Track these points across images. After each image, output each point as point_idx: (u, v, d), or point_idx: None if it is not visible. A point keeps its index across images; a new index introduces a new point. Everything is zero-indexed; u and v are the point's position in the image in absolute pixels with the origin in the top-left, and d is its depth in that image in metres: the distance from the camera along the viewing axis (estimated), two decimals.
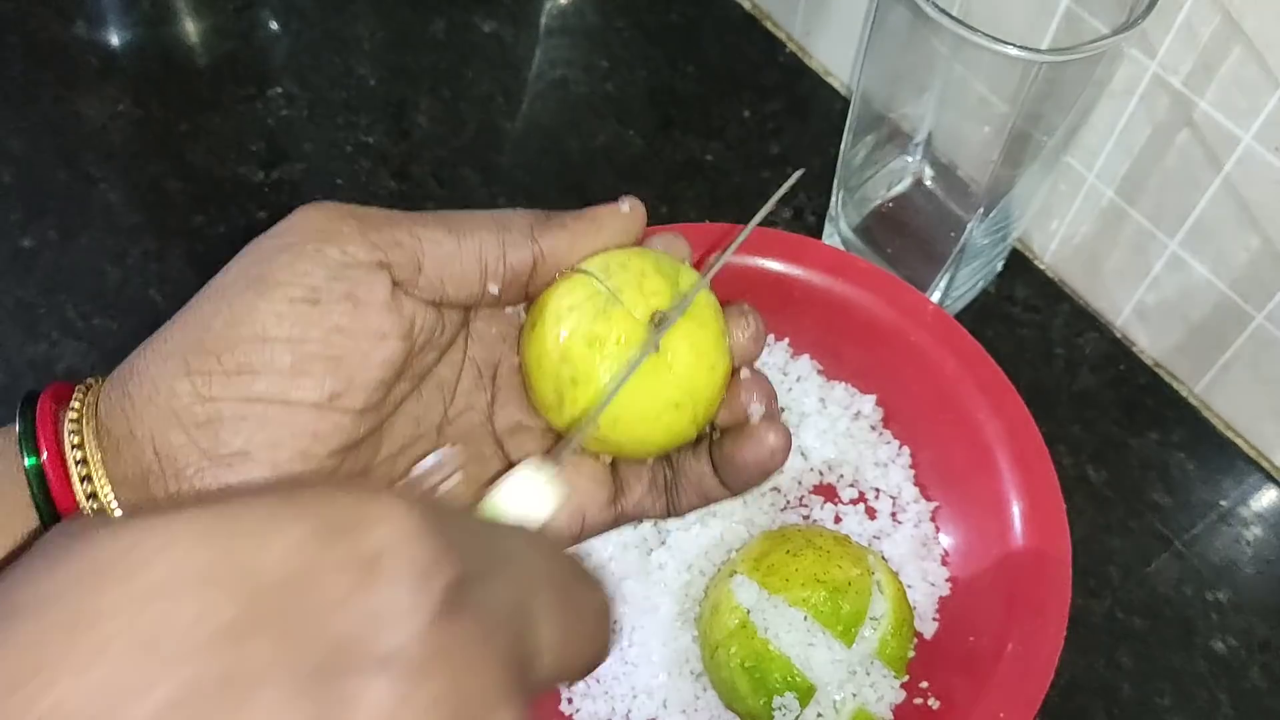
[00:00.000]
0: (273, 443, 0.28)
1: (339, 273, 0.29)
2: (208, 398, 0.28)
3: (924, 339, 0.50)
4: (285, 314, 0.28)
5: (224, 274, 0.30)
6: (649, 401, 0.32)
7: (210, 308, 0.29)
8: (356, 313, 0.29)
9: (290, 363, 0.28)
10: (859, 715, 0.43)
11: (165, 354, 0.29)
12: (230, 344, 0.28)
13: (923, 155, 0.58)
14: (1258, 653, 0.51)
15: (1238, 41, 0.47)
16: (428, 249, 0.31)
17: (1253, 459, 0.56)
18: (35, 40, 0.67)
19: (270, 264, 0.29)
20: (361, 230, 0.30)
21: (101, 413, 0.29)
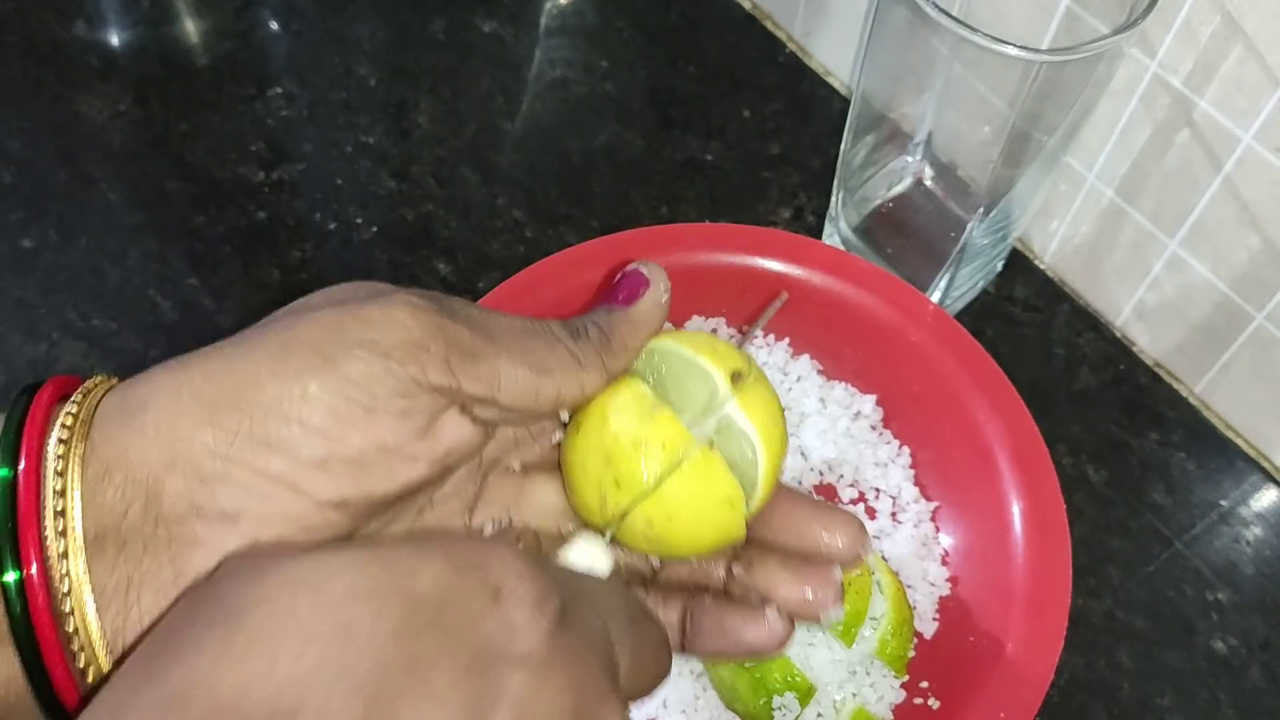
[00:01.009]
0: (263, 519, 0.28)
1: (407, 391, 0.29)
2: (222, 456, 0.27)
3: (924, 339, 0.50)
4: (338, 411, 0.28)
5: (293, 325, 0.29)
6: (704, 499, 0.32)
7: (265, 368, 0.28)
8: (402, 432, 0.29)
9: (318, 457, 0.28)
10: (859, 715, 0.43)
11: (191, 393, 0.28)
12: (268, 412, 0.27)
13: (923, 155, 0.58)
14: (1258, 652, 0.51)
15: (1238, 41, 0.47)
16: (505, 386, 0.30)
17: (1253, 459, 0.56)
18: (35, 40, 0.67)
19: (346, 354, 0.28)
20: (450, 358, 0.29)
21: (97, 430, 0.28)
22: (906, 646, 0.45)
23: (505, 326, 0.31)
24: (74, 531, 0.27)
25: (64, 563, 0.26)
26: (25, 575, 0.26)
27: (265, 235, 0.60)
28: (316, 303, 0.30)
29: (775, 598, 0.34)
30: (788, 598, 0.34)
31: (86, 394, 0.29)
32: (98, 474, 0.27)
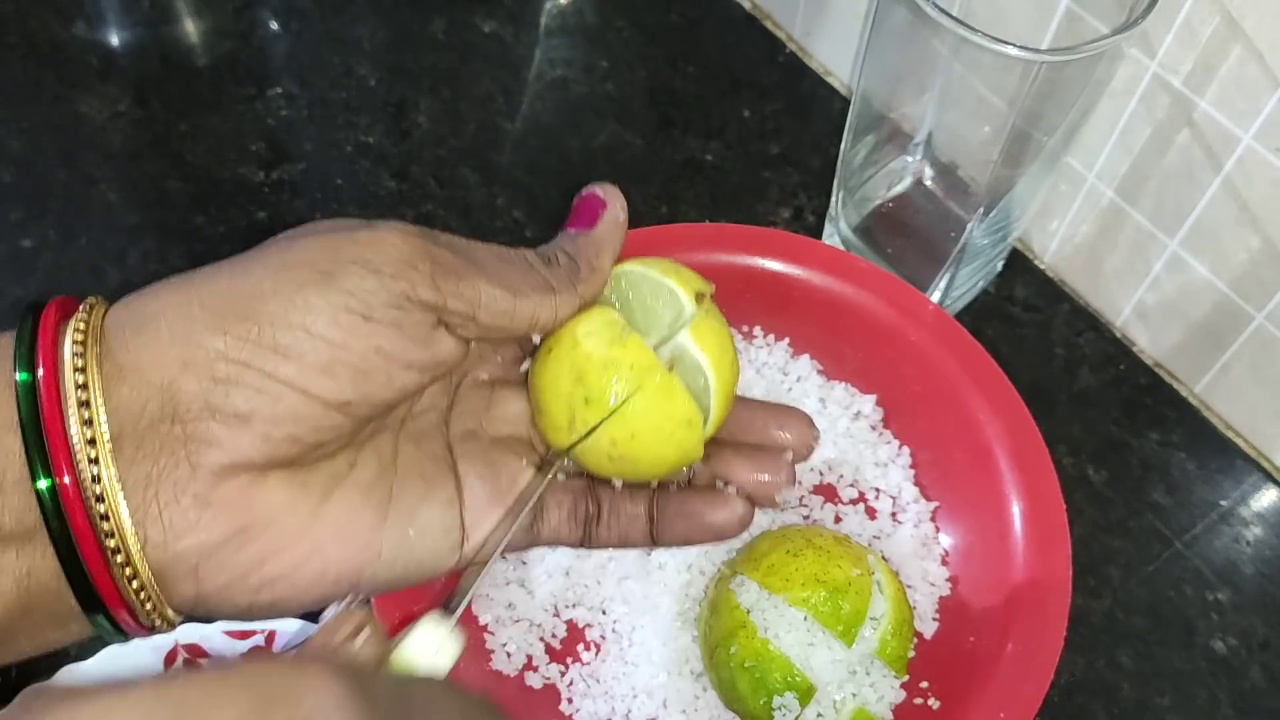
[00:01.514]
0: (274, 419, 0.30)
1: (399, 303, 0.31)
2: (235, 360, 0.29)
3: (924, 339, 0.50)
4: (339, 320, 0.30)
5: (289, 248, 0.31)
6: (663, 420, 0.34)
7: (267, 284, 0.30)
8: (398, 341, 0.31)
9: (324, 362, 0.30)
10: (859, 715, 0.43)
11: (201, 305, 0.30)
12: (275, 322, 0.29)
13: (923, 155, 0.58)
14: (1258, 652, 0.51)
15: (1238, 41, 0.47)
16: (485, 304, 0.32)
17: (1253, 459, 0.56)
18: (35, 40, 0.67)
19: (342, 270, 0.30)
20: (435, 276, 0.31)
21: (109, 338, 0.29)
22: (906, 646, 0.45)
23: (484, 252, 0.33)
24: (101, 430, 0.28)
25: (94, 466, 0.28)
26: (58, 481, 0.28)
27: (265, 235, 0.59)
28: (304, 231, 0.32)
29: (734, 481, 0.37)
30: (744, 481, 0.37)
31: (91, 309, 0.30)
32: (114, 377, 0.29)
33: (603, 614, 0.48)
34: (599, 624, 0.48)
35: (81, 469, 0.28)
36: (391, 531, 0.33)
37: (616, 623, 0.48)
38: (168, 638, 0.47)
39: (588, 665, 0.48)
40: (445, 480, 0.35)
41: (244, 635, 0.47)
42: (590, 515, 0.37)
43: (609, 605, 0.48)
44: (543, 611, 0.48)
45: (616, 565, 0.48)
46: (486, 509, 0.35)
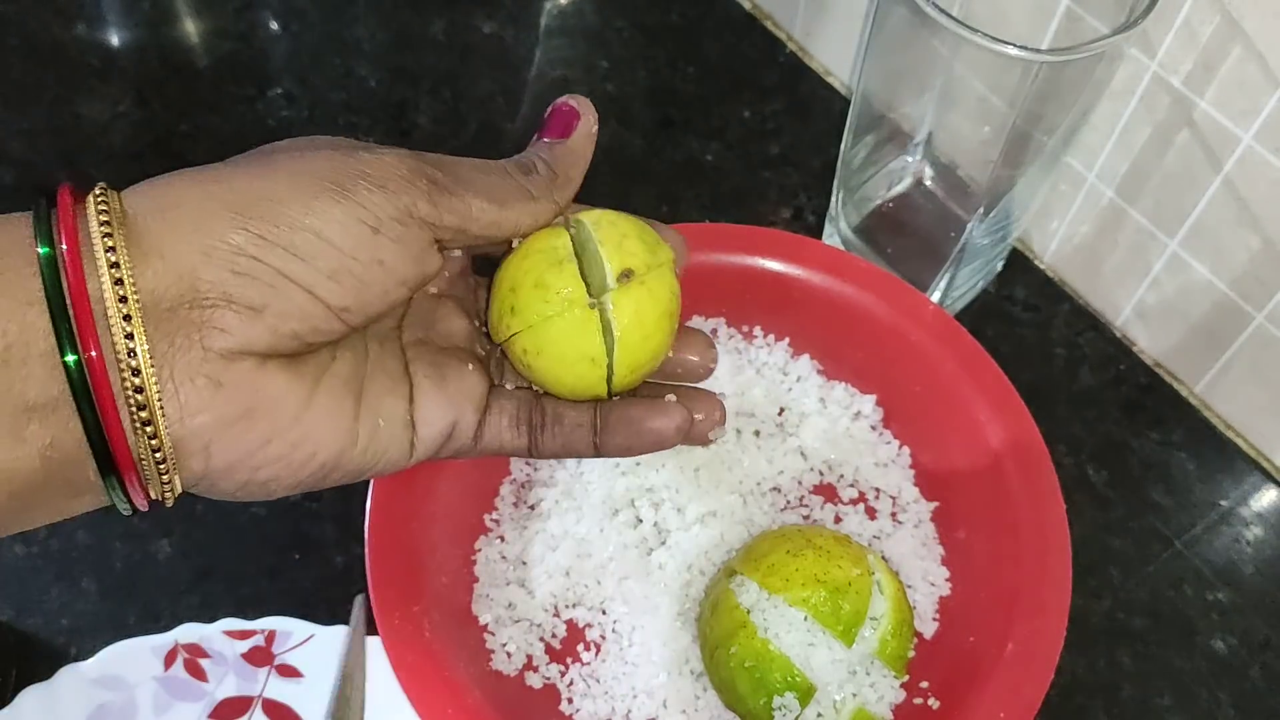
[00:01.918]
0: (282, 314, 0.32)
1: (402, 219, 0.33)
2: (252, 256, 0.31)
3: (924, 339, 0.50)
4: (349, 230, 0.32)
5: (300, 158, 0.33)
6: (568, 348, 0.37)
7: (283, 188, 0.32)
8: (398, 255, 0.34)
9: (332, 268, 0.32)
10: (859, 715, 0.43)
11: (220, 200, 0.32)
12: (291, 225, 0.32)
13: (923, 155, 0.58)
14: (1258, 652, 0.51)
15: (1238, 41, 0.47)
16: (475, 217, 0.35)
17: (1253, 459, 0.56)
18: (36, 41, 0.67)
19: (353, 184, 0.33)
20: (431, 193, 0.34)
21: (132, 221, 0.31)
22: (906, 647, 0.45)
23: (468, 167, 0.37)
24: (134, 306, 0.30)
25: (130, 341, 0.30)
26: (84, 356, 0.29)
27: None
28: (309, 144, 0.35)
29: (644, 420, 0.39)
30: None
31: (106, 192, 0.31)
32: (139, 258, 0.30)
33: (603, 614, 0.48)
34: (599, 624, 0.48)
35: (117, 342, 0.30)
36: (365, 420, 0.35)
37: (616, 623, 0.48)
38: (168, 638, 0.47)
39: (588, 665, 0.48)
40: (403, 378, 0.37)
41: (244, 635, 0.47)
42: (535, 423, 0.39)
43: (609, 605, 0.48)
44: (543, 611, 0.48)
45: (617, 565, 0.49)
46: (434, 407, 0.37)
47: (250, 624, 0.48)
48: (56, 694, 0.46)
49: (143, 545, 0.52)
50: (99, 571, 0.51)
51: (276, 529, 0.50)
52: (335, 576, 0.50)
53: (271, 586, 0.48)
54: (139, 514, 0.33)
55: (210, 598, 0.51)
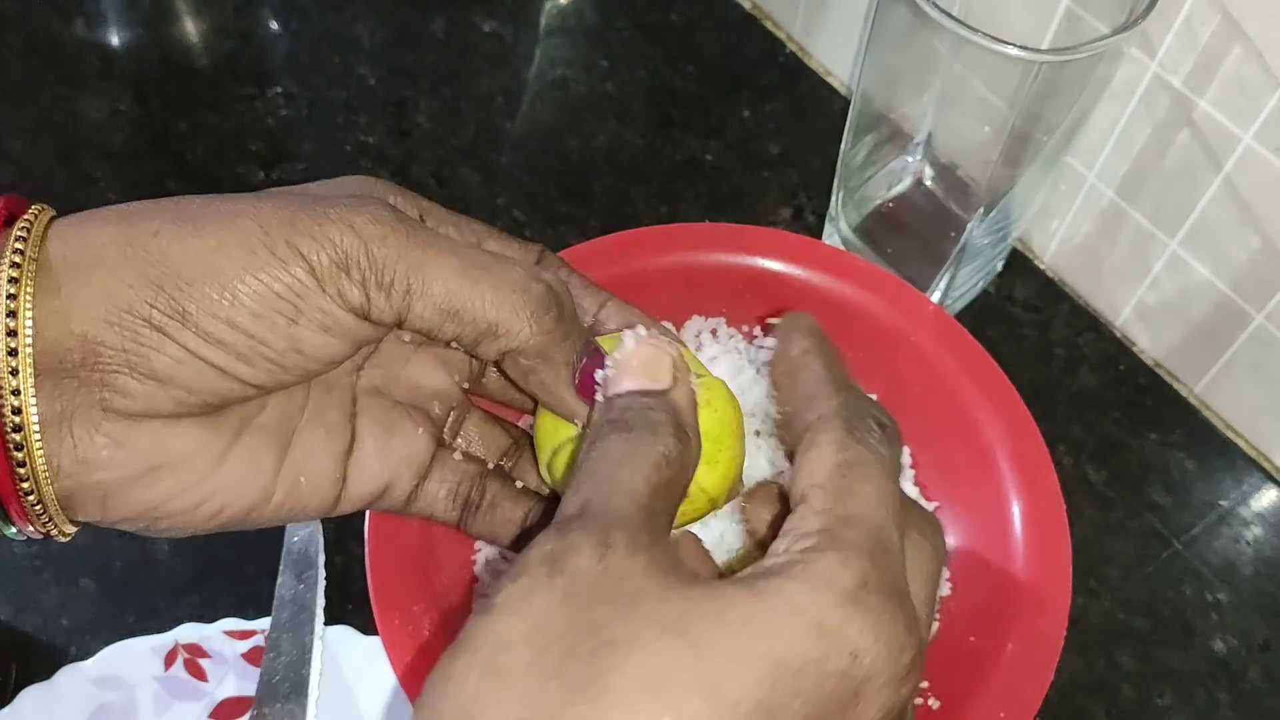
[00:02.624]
0: (190, 387, 0.30)
1: (327, 309, 0.31)
2: (160, 330, 0.29)
3: (924, 339, 0.50)
4: (264, 318, 0.30)
5: (244, 211, 0.30)
6: None
7: (205, 260, 0.30)
8: (318, 339, 0.31)
9: (243, 352, 0.30)
10: None
11: (137, 265, 0.29)
12: (206, 309, 0.30)
13: (923, 155, 0.58)
14: (1257, 653, 0.51)
15: (1238, 41, 0.47)
16: (412, 322, 0.32)
17: (1253, 459, 0.56)
18: (35, 40, 0.67)
19: (281, 258, 0.30)
20: (365, 283, 0.31)
21: (45, 275, 0.29)
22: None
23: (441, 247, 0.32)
24: (26, 359, 0.28)
25: (16, 398, 0.28)
26: None
27: None
28: (249, 198, 0.31)
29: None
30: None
31: (30, 227, 0.30)
32: (41, 313, 0.29)
33: None
34: None
35: (4, 396, 0.28)
36: (286, 475, 0.33)
37: None
38: (168, 638, 0.47)
39: None
40: (343, 431, 0.35)
41: (244, 635, 0.47)
42: (471, 502, 0.37)
43: None
44: None
45: None
46: (371, 465, 0.35)
47: (250, 624, 0.48)
48: (56, 694, 0.46)
49: (142, 545, 0.52)
50: (98, 571, 0.51)
51: (277, 528, 0.50)
52: (335, 576, 0.50)
53: (271, 586, 0.48)
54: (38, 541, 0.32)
55: (210, 597, 0.51)
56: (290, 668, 0.46)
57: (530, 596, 0.25)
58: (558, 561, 0.25)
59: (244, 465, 0.32)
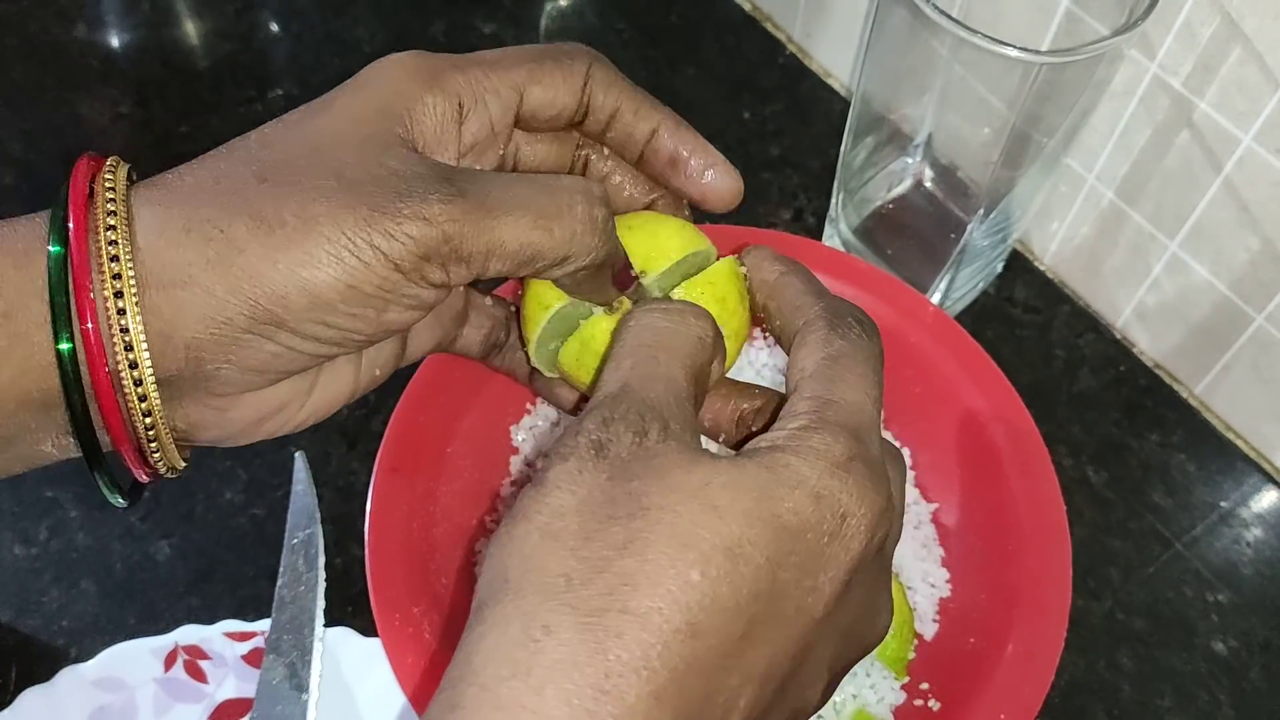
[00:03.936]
0: (285, 371, 0.33)
1: (414, 294, 0.32)
2: (259, 335, 0.31)
3: (924, 340, 0.50)
4: (355, 314, 0.32)
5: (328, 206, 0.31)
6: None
7: (299, 273, 0.31)
8: (409, 318, 0.33)
9: (336, 342, 0.33)
10: (859, 716, 0.43)
11: (231, 282, 0.31)
12: (303, 317, 0.31)
13: (923, 157, 0.58)
14: (1258, 654, 0.51)
15: (1237, 43, 0.47)
16: (493, 269, 0.33)
17: (1253, 460, 0.56)
18: (36, 42, 0.67)
19: (365, 270, 0.31)
20: (446, 264, 0.32)
21: (144, 297, 0.31)
22: (907, 648, 0.45)
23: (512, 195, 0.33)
24: (147, 372, 0.31)
25: (143, 403, 0.31)
26: (83, 330, 0.30)
27: None
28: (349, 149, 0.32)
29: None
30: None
31: (115, 222, 0.32)
32: (150, 339, 0.31)
33: None
34: None
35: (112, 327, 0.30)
36: (364, 375, 0.37)
37: None
38: (168, 639, 0.47)
39: None
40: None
41: (244, 637, 0.47)
42: (498, 344, 0.40)
43: None
44: None
45: None
46: (424, 333, 0.38)
47: (250, 625, 0.48)
48: (56, 695, 0.46)
49: (142, 547, 0.52)
50: (99, 573, 0.51)
51: (276, 530, 0.50)
52: (335, 578, 0.50)
53: (271, 588, 0.48)
54: (132, 503, 0.34)
55: (210, 599, 0.51)
56: (290, 669, 0.46)
57: (579, 475, 0.29)
58: (603, 448, 0.29)
59: (330, 387, 0.36)
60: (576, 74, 0.37)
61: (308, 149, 0.32)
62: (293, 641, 0.47)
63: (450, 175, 0.33)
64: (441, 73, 0.34)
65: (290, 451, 0.52)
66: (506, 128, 0.36)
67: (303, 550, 0.49)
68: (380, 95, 0.34)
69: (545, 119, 0.37)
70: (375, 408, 0.55)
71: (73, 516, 0.52)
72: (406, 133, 0.33)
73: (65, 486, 0.53)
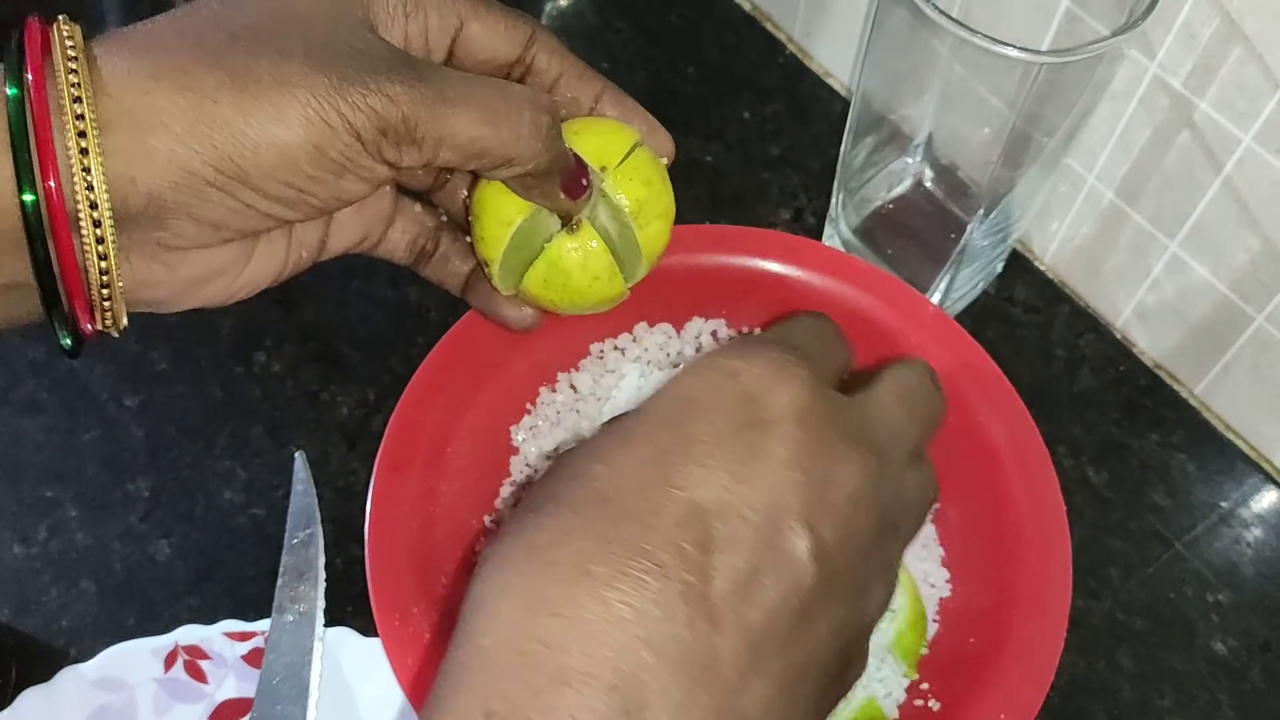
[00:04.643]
0: (239, 230, 0.34)
1: (373, 162, 0.34)
2: (221, 190, 0.33)
3: (924, 340, 0.50)
4: (315, 177, 0.34)
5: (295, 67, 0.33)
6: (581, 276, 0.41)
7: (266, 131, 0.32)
8: (359, 190, 0.35)
9: (291, 202, 0.34)
10: (868, 706, 0.43)
11: (203, 130, 0.32)
12: (267, 173, 0.33)
13: (923, 157, 0.58)
14: (1258, 654, 0.51)
15: (1237, 42, 0.47)
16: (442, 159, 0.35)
17: (1253, 460, 0.56)
18: None
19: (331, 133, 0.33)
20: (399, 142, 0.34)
21: (108, 138, 0.31)
22: (921, 642, 0.45)
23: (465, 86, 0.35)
24: (106, 211, 0.31)
25: (100, 245, 0.32)
26: (45, 187, 0.31)
27: None
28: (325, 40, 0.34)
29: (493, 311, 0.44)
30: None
31: (77, 65, 0.33)
32: (111, 179, 0.31)
33: None
34: None
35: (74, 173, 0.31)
36: (292, 255, 0.38)
37: None
38: (168, 639, 0.47)
39: None
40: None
41: (244, 637, 0.47)
42: (425, 252, 0.42)
43: None
44: None
45: None
46: (348, 226, 0.40)
47: (250, 625, 0.48)
48: (56, 695, 0.46)
49: (142, 547, 0.52)
50: (98, 573, 0.51)
51: (276, 530, 0.50)
52: (335, 578, 0.50)
53: (271, 588, 0.48)
54: (76, 355, 0.35)
55: (210, 599, 0.51)
56: (290, 670, 0.46)
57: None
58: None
59: (265, 260, 0.37)
60: (519, 30, 0.39)
61: (278, 16, 0.34)
62: (293, 641, 0.47)
63: (412, 62, 0.35)
64: None
65: (290, 451, 0.52)
66: (441, 48, 0.38)
67: (303, 550, 0.49)
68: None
69: (479, 59, 0.39)
70: (375, 407, 0.55)
71: (72, 516, 0.52)
72: (365, 16, 0.35)
73: (65, 486, 0.53)
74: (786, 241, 0.52)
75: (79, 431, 0.54)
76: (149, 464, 0.54)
